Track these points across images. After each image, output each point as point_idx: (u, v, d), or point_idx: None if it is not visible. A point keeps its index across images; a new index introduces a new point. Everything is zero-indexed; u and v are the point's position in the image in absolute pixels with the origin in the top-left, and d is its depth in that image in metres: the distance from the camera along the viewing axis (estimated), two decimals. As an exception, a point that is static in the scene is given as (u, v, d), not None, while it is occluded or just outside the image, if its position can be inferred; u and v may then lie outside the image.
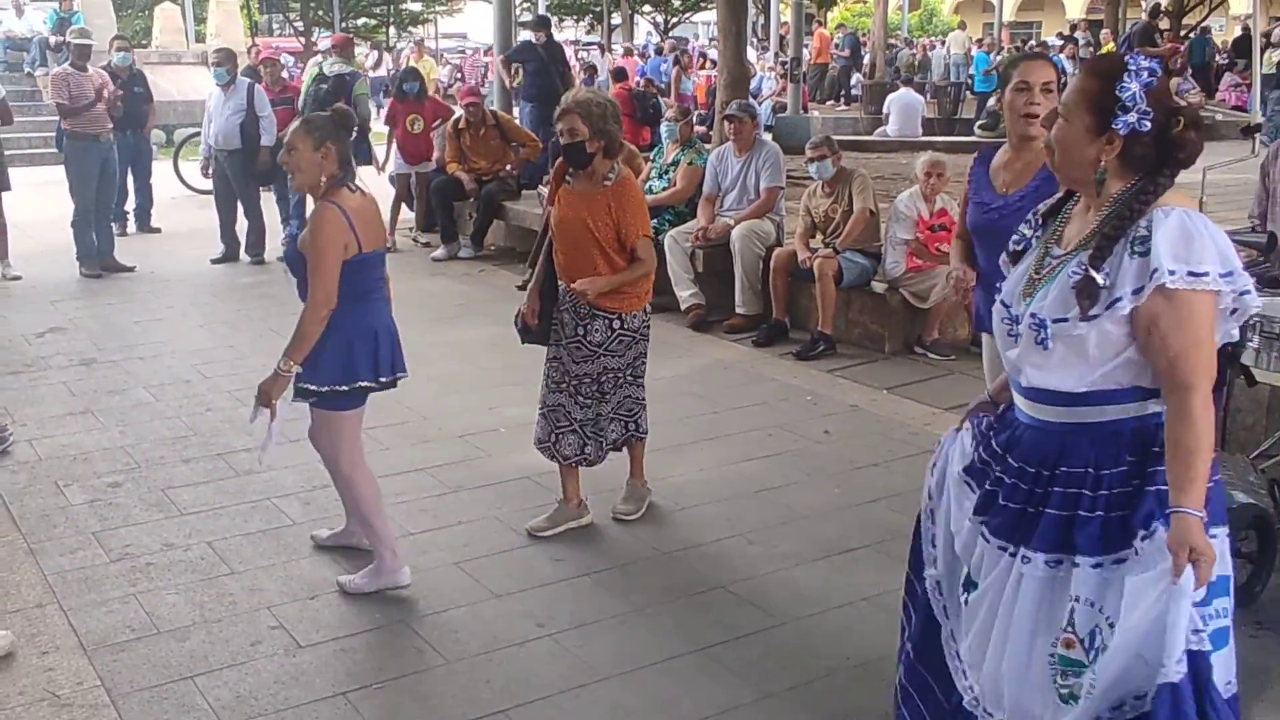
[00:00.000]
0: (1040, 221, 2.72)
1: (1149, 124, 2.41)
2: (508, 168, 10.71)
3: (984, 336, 3.91)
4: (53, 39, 18.81)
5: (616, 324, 4.64)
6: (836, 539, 4.64)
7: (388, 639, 3.89)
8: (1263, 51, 15.91)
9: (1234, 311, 2.41)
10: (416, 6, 42.25)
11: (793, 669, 3.70)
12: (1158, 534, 2.33)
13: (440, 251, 10.69)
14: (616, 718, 3.43)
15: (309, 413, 4.35)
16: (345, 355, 4.21)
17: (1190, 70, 21.87)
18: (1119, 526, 2.41)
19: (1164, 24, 21.50)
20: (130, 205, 11.86)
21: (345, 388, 4.22)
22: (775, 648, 3.84)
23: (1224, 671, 2.54)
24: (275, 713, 3.45)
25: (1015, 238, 2.79)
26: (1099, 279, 2.41)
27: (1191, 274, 2.30)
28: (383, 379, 4.35)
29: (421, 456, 5.58)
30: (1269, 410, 5.13)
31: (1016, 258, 2.74)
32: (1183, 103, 2.48)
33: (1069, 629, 2.41)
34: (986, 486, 2.69)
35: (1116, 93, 2.42)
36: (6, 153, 10.16)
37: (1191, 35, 24.66)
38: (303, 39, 34.66)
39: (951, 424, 3.02)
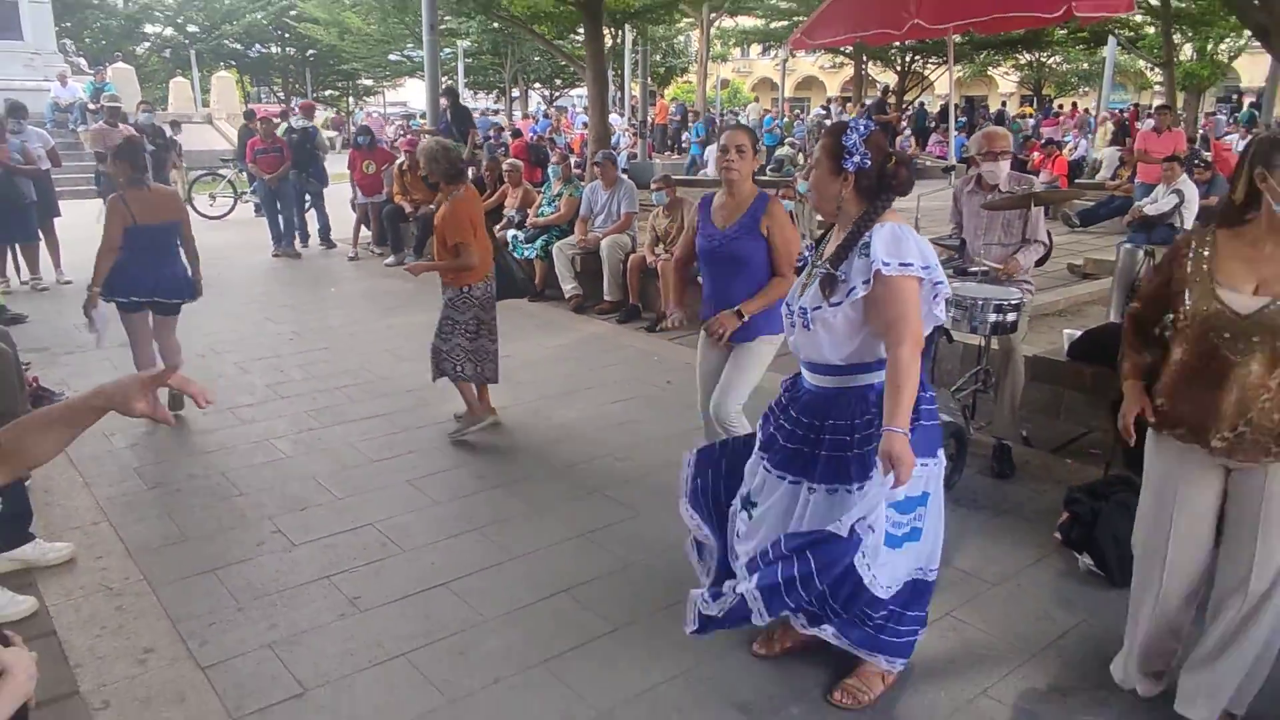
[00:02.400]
0: (813, 246, 2.77)
1: (869, 163, 2.49)
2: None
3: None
4: (90, 105, 17.75)
5: (457, 293, 4.86)
6: (675, 455, 4.61)
7: (357, 537, 3.81)
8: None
9: (935, 297, 2.51)
10: (369, 82, 40.95)
11: (650, 545, 3.74)
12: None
13: (390, 259, 10.40)
14: (526, 585, 3.43)
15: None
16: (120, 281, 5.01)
17: (911, 131, 22.56)
18: (870, 458, 2.46)
19: (891, 100, 22.15)
20: None
21: (124, 299, 5.08)
22: (636, 531, 3.89)
23: (915, 559, 2.66)
24: (276, 593, 3.37)
25: (800, 263, 2.85)
26: (838, 275, 2.50)
27: (901, 264, 2.39)
28: (136, 298, 5.10)
29: (381, 407, 5.46)
30: (962, 359, 5.32)
31: (798, 272, 2.79)
32: (896, 149, 2.55)
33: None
34: (770, 430, 2.74)
35: (844, 143, 2.50)
36: (56, 189, 9.52)
37: (911, 107, 25.45)
38: (283, 104, 33.33)
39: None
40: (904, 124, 21.90)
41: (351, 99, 42.15)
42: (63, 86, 19.13)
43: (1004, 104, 33.81)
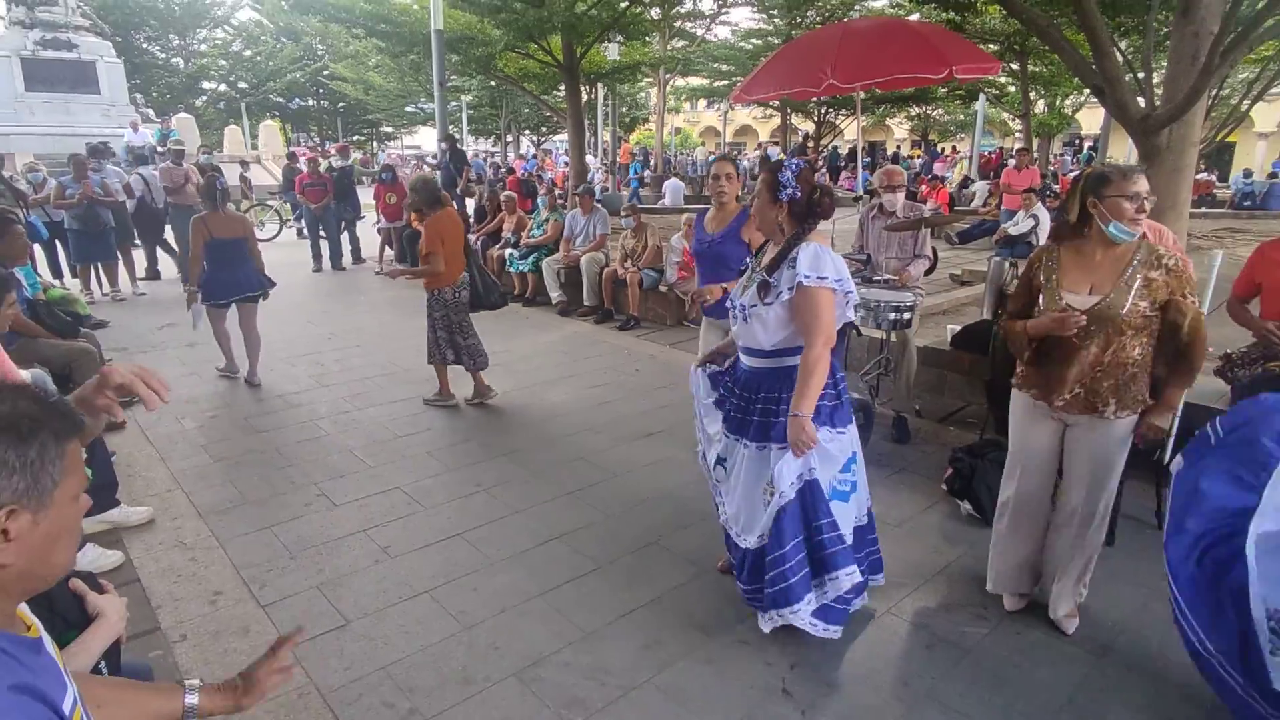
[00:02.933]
0: (754, 255, 2.78)
1: (799, 194, 2.50)
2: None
3: (704, 318, 3.84)
4: (159, 148, 17.27)
5: (431, 295, 5.02)
6: (643, 429, 4.71)
7: (386, 498, 3.76)
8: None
9: (848, 303, 2.51)
10: (389, 129, 40.32)
11: (624, 500, 3.74)
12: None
13: (388, 271, 10.17)
14: (526, 534, 3.42)
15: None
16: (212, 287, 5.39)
17: (826, 169, 22.65)
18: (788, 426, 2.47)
19: (810, 144, 22.23)
20: None
21: (214, 301, 5.43)
22: (613, 490, 3.88)
23: (857, 507, 2.67)
24: (321, 544, 3.32)
25: (741, 265, 2.85)
26: (771, 281, 2.51)
27: (818, 278, 2.39)
28: (225, 299, 5.45)
29: (404, 393, 5.40)
30: (868, 349, 5.34)
31: (741, 274, 2.80)
32: (820, 183, 2.56)
33: (768, 481, 2.50)
34: (726, 407, 2.74)
35: (780, 179, 2.51)
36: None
37: (826, 150, 25.55)
38: (316, 147, 32.72)
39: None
40: (821, 163, 21.98)
41: (375, 143, 41.48)
42: (134, 132, 18.55)
43: (899, 147, 34.14)
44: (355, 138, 39.95)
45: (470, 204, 11.70)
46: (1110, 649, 2.64)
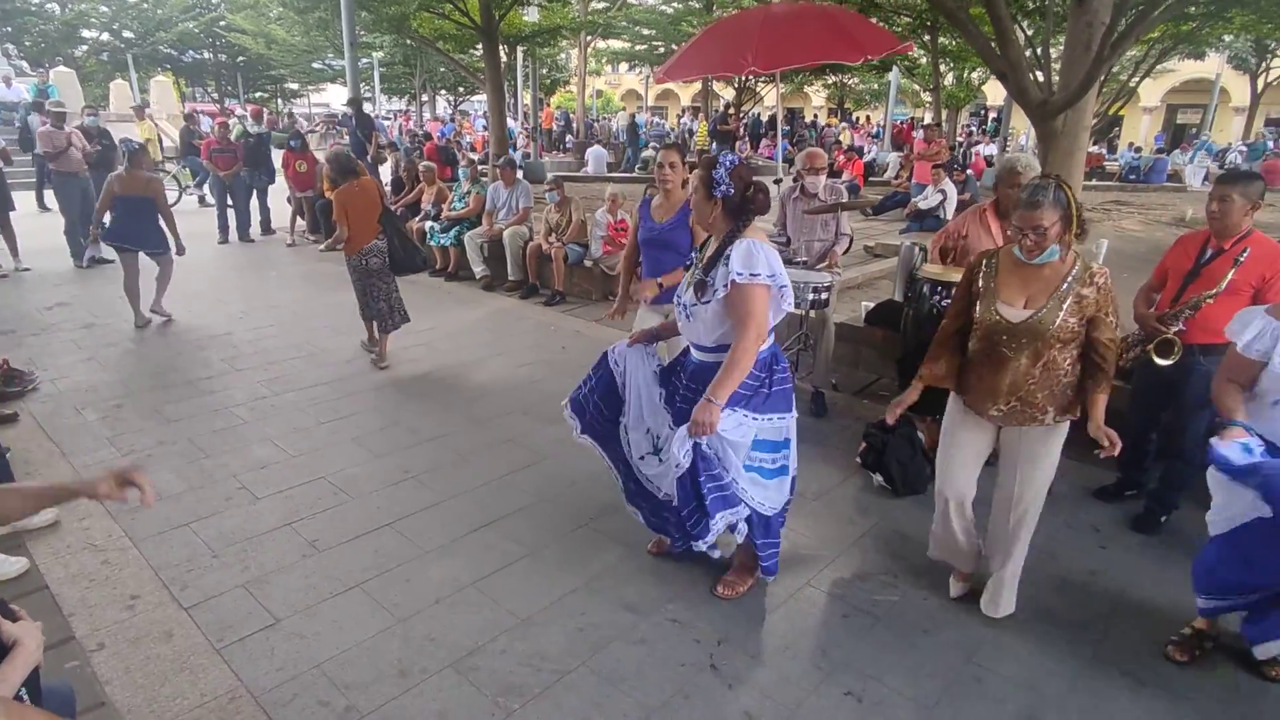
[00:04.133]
0: (695, 253, 2.78)
1: (733, 191, 2.53)
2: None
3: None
4: (41, 104, 15.82)
5: (346, 261, 5.37)
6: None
7: (312, 489, 3.69)
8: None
9: (783, 298, 2.52)
10: (294, 85, 38.04)
11: (554, 484, 3.77)
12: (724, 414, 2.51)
13: (322, 246, 9.84)
14: (458, 521, 3.41)
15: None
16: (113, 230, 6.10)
17: (748, 137, 22.81)
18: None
19: (732, 111, 22.25)
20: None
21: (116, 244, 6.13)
22: (544, 473, 3.90)
23: (783, 491, 2.75)
24: (245, 540, 3.24)
25: (686, 263, 2.86)
26: (708, 280, 2.55)
27: (751, 274, 2.43)
28: (126, 245, 6.08)
29: (325, 375, 5.23)
30: (789, 326, 5.31)
31: (686, 269, 2.80)
32: (755, 180, 2.56)
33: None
34: (675, 398, 2.74)
35: (714, 175, 2.54)
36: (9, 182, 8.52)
37: (747, 117, 25.66)
38: (217, 105, 30.60)
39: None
40: (743, 132, 22.11)
41: (280, 100, 39.10)
42: (7, 88, 16.97)
43: (816, 116, 34.65)
44: (258, 95, 37.62)
45: (385, 171, 11.28)
46: (1015, 612, 2.87)
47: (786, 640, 2.70)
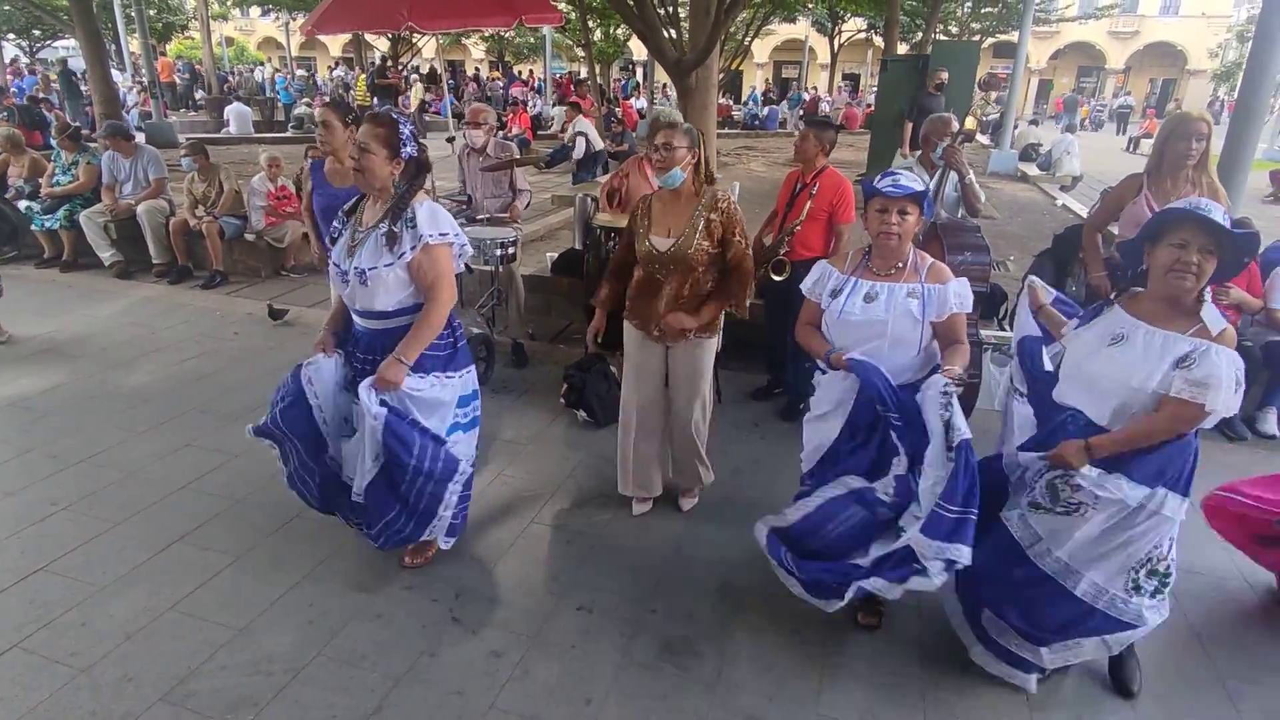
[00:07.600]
0: (345, 218, 2.64)
1: (416, 151, 2.50)
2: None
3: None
4: None
5: None
6: (258, 398, 4.20)
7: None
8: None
9: (459, 256, 2.54)
10: None
11: (252, 481, 3.43)
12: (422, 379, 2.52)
13: None
14: (139, 545, 2.96)
15: None
16: None
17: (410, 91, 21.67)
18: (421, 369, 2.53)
19: (389, 64, 20.92)
20: None
21: None
22: (237, 471, 3.51)
23: (474, 441, 2.77)
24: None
25: (333, 227, 2.67)
26: (396, 231, 2.45)
27: (439, 234, 2.45)
28: None
29: None
30: (479, 283, 5.22)
31: (335, 239, 2.62)
32: (399, 107, 2.54)
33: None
34: (354, 367, 2.64)
35: (400, 135, 2.47)
36: None
37: (407, 69, 24.32)
38: None
39: (316, 317, 2.87)
40: (405, 86, 20.94)
41: None
42: None
43: (478, 69, 34.15)
44: None
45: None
46: (702, 504, 3.34)
47: (519, 577, 2.86)
